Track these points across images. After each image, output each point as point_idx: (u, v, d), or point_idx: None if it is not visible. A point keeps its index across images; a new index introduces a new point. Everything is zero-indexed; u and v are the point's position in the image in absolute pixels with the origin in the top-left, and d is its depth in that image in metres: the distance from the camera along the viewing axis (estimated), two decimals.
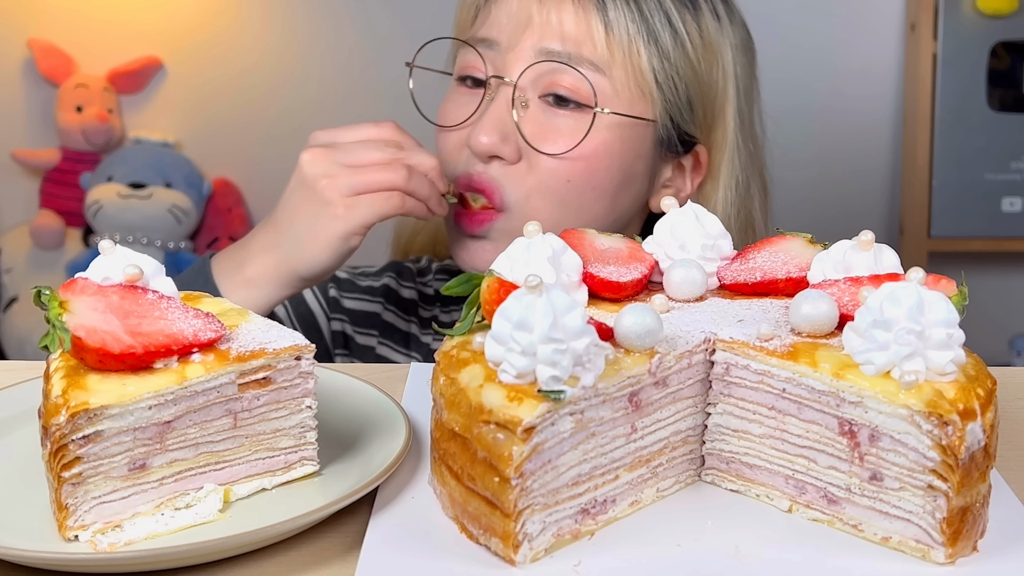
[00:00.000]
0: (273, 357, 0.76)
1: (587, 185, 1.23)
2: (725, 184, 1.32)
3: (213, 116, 3.07)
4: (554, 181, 1.23)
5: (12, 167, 3.07)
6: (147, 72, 3.04)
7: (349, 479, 0.79)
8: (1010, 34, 2.86)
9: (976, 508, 0.71)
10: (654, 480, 0.78)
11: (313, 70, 3.03)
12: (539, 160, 1.22)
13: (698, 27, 1.27)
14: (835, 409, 0.73)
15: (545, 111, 1.23)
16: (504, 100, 1.23)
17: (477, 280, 0.76)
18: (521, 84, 1.22)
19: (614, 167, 1.24)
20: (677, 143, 1.29)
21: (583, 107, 1.21)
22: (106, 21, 3.02)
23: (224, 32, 3.03)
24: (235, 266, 1.20)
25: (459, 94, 1.29)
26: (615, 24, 1.21)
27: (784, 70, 2.75)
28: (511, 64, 1.23)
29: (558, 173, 1.22)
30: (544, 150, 1.21)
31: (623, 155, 1.25)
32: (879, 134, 3.03)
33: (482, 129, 1.22)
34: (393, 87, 3.03)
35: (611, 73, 1.22)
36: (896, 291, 0.71)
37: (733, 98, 1.32)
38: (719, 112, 1.31)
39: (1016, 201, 2.91)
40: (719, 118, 1.31)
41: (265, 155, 3.08)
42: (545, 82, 1.22)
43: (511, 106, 1.22)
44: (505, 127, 1.22)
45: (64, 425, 0.69)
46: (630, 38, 1.22)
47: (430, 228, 1.50)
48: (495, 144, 1.22)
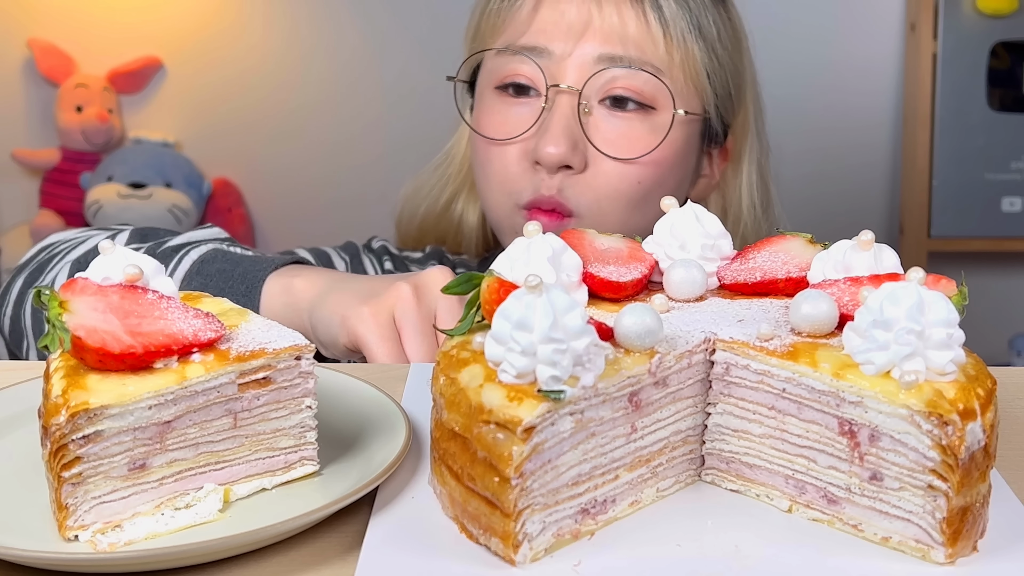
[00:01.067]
0: (273, 357, 0.76)
1: (656, 185, 1.24)
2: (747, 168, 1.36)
3: (213, 116, 3.07)
4: (624, 185, 1.22)
5: (12, 167, 3.07)
6: (147, 72, 3.04)
7: (349, 479, 0.79)
8: (1010, 34, 2.86)
9: (976, 508, 0.71)
10: (654, 480, 0.78)
11: (314, 70, 3.03)
12: (608, 166, 1.21)
13: (728, 17, 1.31)
14: (835, 409, 0.73)
15: (607, 116, 1.22)
16: (567, 108, 1.21)
17: (477, 280, 0.76)
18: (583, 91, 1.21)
19: (678, 164, 1.26)
20: (720, 134, 1.31)
21: (645, 107, 1.22)
22: (106, 21, 3.02)
23: (224, 32, 3.03)
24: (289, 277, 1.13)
25: (506, 104, 1.27)
26: (672, 24, 1.22)
27: (784, 70, 2.75)
28: (569, 71, 1.21)
29: (628, 177, 1.22)
30: (618, 155, 1.21)
31: (686, 152, 1.27)
32: (879, 134, 3.03)
33: (551, 140, 1.20)
34: (393, 88, 3.05)
35: (671, 73, 1.22)
36: (896, 291, 0.71)
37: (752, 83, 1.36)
38: (742, 98, 1.34)
39: (1016, 201, 2.91)
40: (741, 104, 1.34)
41: (265, 155, 3.09)
42: (606, 87, 1.21)
43: (576, 113, 1.21)
44: (573, 135, 1.21)
45: (64, 425, 0.69)
46: (684, 36, 1.22)
47: (441, 223, 1.49)
48: (565, 154, 1.20)
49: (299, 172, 3.09)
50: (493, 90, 1.29)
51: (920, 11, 2.86)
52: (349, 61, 3.02)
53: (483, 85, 1.31)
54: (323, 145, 3.04)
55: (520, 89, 1.25)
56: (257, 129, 3.06)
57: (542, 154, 1.21)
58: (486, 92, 1.30)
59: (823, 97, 2.97)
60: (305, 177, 3.08)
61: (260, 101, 3.05)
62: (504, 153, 1.26)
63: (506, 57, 1.26)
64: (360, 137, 3.00)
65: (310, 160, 3.07)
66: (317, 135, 3.05)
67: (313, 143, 3.05)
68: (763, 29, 1.42)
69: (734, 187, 1.37)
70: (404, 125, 2.93)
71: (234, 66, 3.04)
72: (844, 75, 2.98)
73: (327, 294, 1.11)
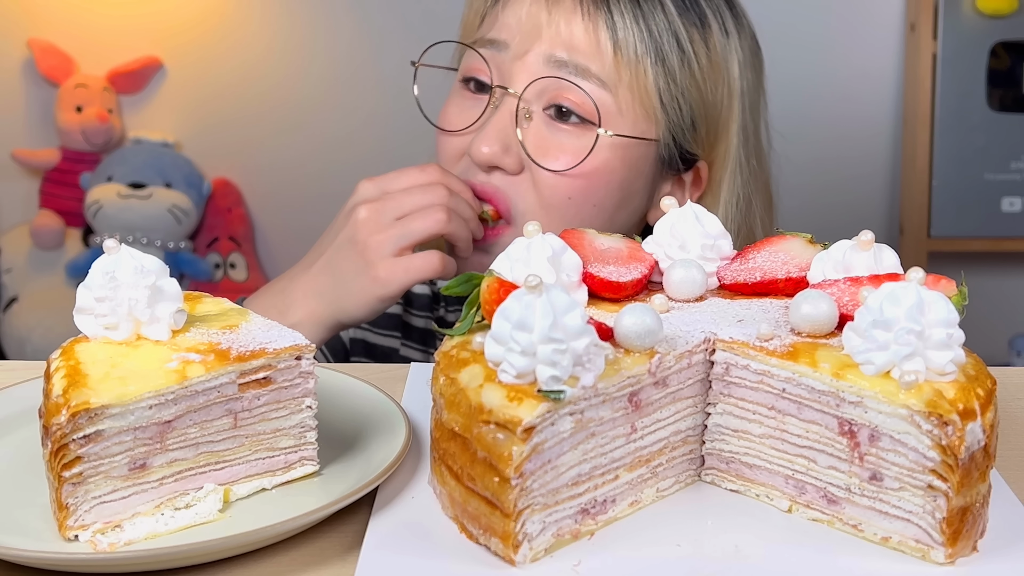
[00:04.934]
0: (273, 357, 0.76)
1: (587, 202, 1.23)
2: (726, 200, 1.31)
3: (213, 116, 3.07)
4: (555, 197, 1.22)
5: (12, 167, 3.07)
6: (147, 72, 3.04)
7: (349, 479, 0.79)
8: (1010, 34, 2.86)
9: (976, 508, 0.71)
10: (654, 480, 0.78)
11: (313, 69, 3.03)
12: (540, 174, 1.21)
13: (706, 46, 1.26)
14: (835, 409, 0.73)
15: (548, 125, 1.22)
16: (508, 110, 1.22)
17: (477, 280, 0.76)
18: (526, 96, 1.21)
19: (614, 185, 1.24)
20: (679, 161, 1.28)
21: (586, 122, 1.21)
22: (106, 21, 3.02)
23: (224, 32, 3.03)
24: (278, 312, 1.18)
25: (462, 98, 1.28)
26: (624, 43, 1.20)
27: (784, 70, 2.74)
28: (517, 73, 1.22)
29: (559, 189, 1.22)
30: (546, 166, 1.21)
31: (624, 173, 1.24)
32: (879, 134, 3.03)
33: (484, 139, 1.21)
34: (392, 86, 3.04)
35: (617, 91, 1.21)
36: (896, 291, 0.71)
37: (738, 115, 1.30)
38: (723, 129, 1.30)
39: (1016, 201, 2.91)
40: (722, 135, 1.30)
41: (265, 155, 3.08)
42: (550, 95, 1.21)
43: (515, 117, 1.22)
44: (507, 138, 1.22)
45: (65, 424, 0.69)
46: (638, 58, 1.21)
47: None
48: (496, 155, 1.21)
49: (299, 172, 3.09)
50: (458, 82, 1.31)
51: (920, 11, 2.86)
52: (348, 60, 3.02)
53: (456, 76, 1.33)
54: (323, 145, 3.05)
55: (481, 86, 1.26)
56: (257, 129, 3.06)
57: (473, 151, 1.23)
58: (455, 83, 1.33)
59: (823, 97, 2.97)
60: (305, 177, 3.08)
61: (260, 101, 3.05)
62: (447, 143, 1.29)
63: (471, 52, 1.28)
64: (360, 137, 3.00)
65: (310, 160, 3.07)
66: (317, 135, 3.05)
67: (313, 143, 3.05)
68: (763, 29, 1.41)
69: None
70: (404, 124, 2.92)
71: (234, 66, 3.04)
72: (844, 75, 2.98)
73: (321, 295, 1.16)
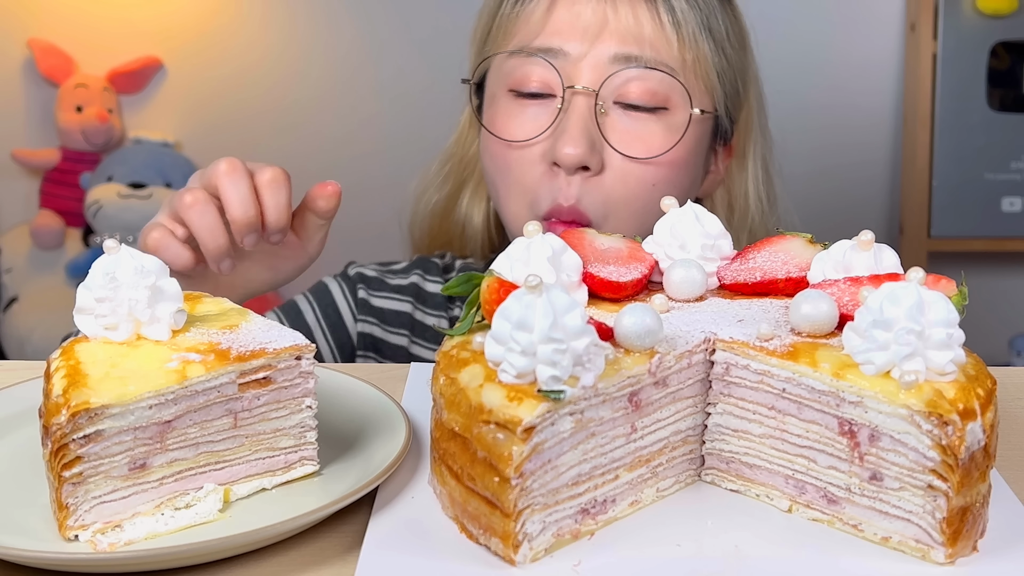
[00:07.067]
0: (273, 357, 0.76)
1: (670, 186, 1.23)
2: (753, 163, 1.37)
3: (213, 116, 3.07)
4: (641, 186, 1.22)
5: (12, 167, 3.07)
6: (147, 72, 3.04)
7: (349, 479, 0.79)
8: (1010, 34, 2.86)
9: (976, 508, 0.71)
10: (654, 480, 0.78)
11: (312, 69, 3.03)
12: (626, 166, 1.21)
13: (734, 15, 1.31)
14: (835, 409, 0.73)
15: (622, 117, 1.22)
16: (584, 109, 1.21)
17: (477, 280, 0.76)
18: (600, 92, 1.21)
19: (692, 164, 1.26)
20: (728, 131, 1.31)
21: (660, 108, 1.22)
22: (106, 21, 3.02)
23: (223, 32, 3.03)
24: None
25: (521, 107, 1.26)
26: (683, 22, 1.22)
27: (784, 70, 2.75)
28: (585, 72, 1.21)
29: (644, 179, 1.22)
30: (634, 155, 1.21)
31: (698, 152, 1.27)
32: (879, 134, 3.03)
33: (569, 141, 1.19)
34: (390, 86, 3.05)
35: (684, 73, 1.23)
36: (896, 291, 0.71)
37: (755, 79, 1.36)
38: (744, 95, 1.35)
39: (1016, 201, 2.91)
40: (744, 101, 1.35)
41: (265, 155, 3.06)
42: (622, 87, 1.21)
43: (593, 114, 1.21)
44: (590, 136, 1.20)
45: (65, 424, 0.69)
46: (696, 36, 1.23)
47: (445, 226, 1.49)
48: (584, 154, 1.19)
49: (299, 171, 3.06)
50: (506, 92, 1.28)
51: (920, 11, 2.86)
52: (347, 60, 3.02)
53: (495, 87, 1.30)
54: (322, 145, 3.04)
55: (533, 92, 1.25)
56: (257, 129, 3.06)
57: (560, 155, 1.20)
58: (499, 94, 1.29)
59: (823, 97, 2.97)
60: (305, 176, 3.06)
61: (260, 101, 3.05)
62: (522, 156, 1.25)
63: (520, 59, 1.25)
64: (359, 136, 3.00)
65: (310, 159, 3.06)
66: (316, 134, 3.05)
67: (313, 143, 3.05)
68: (764, 29, 1.42)
69: (740, 182, 1.37)
70: (403, 123, 2.93)
71: (234, 66, 3.04)
72: (844, 75, 2.98)
73: None
